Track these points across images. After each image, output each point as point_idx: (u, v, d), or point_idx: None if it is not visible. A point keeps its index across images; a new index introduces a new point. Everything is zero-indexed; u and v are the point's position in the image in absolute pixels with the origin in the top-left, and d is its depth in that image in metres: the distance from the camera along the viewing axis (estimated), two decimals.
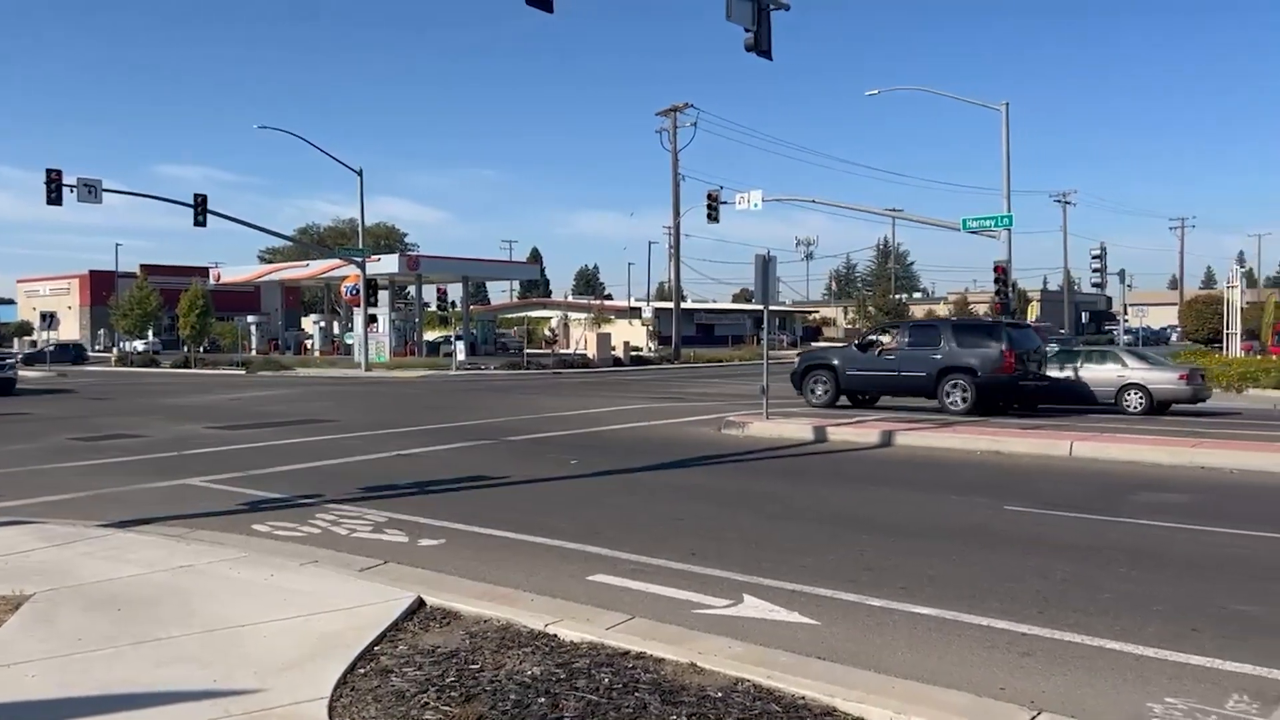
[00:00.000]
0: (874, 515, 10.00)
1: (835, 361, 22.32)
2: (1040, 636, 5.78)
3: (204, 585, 6.57)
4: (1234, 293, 39.64)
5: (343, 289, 51.35)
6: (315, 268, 61.53)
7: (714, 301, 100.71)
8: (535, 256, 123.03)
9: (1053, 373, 21.93)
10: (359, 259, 43.49)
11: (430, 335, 60.72)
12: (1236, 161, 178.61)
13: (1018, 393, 20.98)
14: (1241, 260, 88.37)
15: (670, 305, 56.89)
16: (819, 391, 22.09)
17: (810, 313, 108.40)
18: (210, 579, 6.75)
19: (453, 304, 64.58)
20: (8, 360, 31.54)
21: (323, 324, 64.79)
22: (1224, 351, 37.81)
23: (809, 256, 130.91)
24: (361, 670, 4.95)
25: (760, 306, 19.55)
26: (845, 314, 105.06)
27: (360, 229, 46.13)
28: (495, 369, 44.11)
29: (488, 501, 10.63)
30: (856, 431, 16.70)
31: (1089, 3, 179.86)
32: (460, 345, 46.80)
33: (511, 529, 8.94)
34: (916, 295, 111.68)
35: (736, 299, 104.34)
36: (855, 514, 10.07)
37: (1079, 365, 21.99)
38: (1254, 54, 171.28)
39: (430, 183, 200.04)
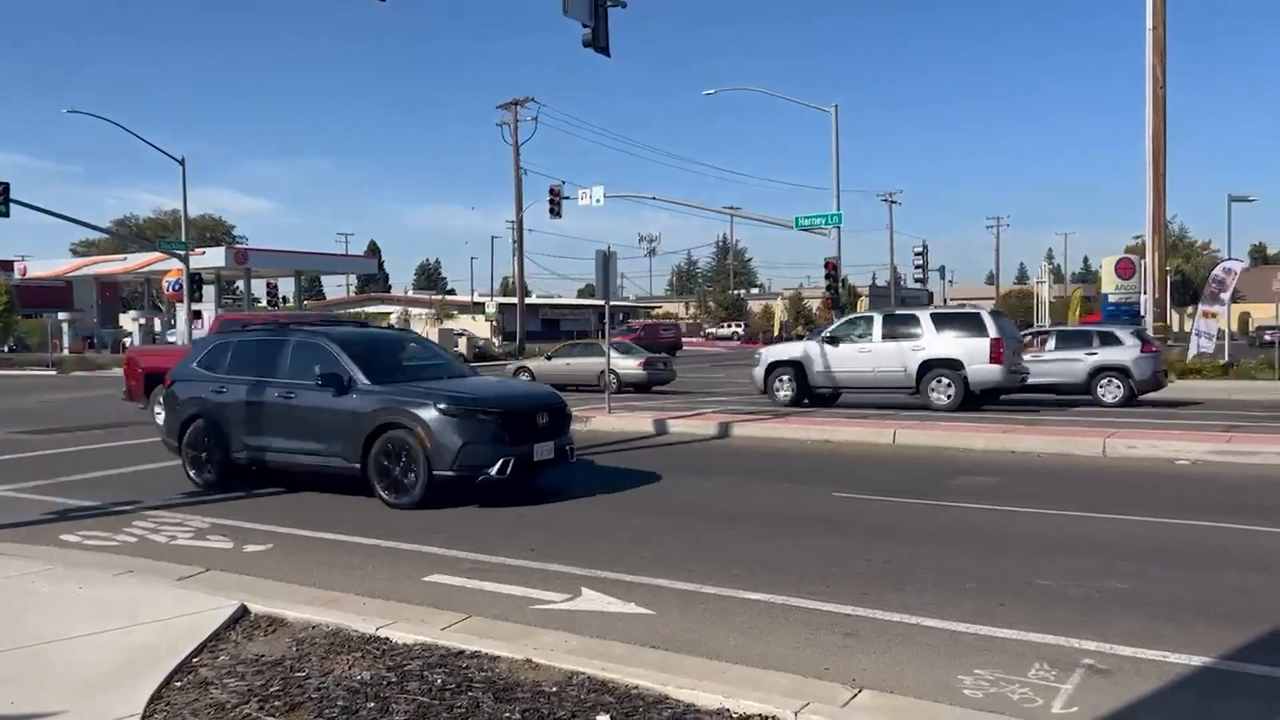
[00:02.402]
0: (710, 504, 10.22)
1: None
2: (863, 617, 6.04)
3: (5, 600, 6.11)
4: (1043, 288, 42.58)
5: (164, 284, 48.60)
6: (134, 261, 58.08)
7: (559, 297, 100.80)
8: (373, 250, 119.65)
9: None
10: (181, 252, 41.25)
11: None
12: (1047, 163, 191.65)
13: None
14: (1050, 258, 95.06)
15: (514, 300, 56.52)
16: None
17: (654, 308, 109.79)
18: (13, 593, 6.28)
19: (285, 299, 62.15)
20: None
21: (143, 321, 61.13)
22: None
23: (652, 253, 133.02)
24: (178, 684, 4.71)
25: (603, 301, 19.65)
26: (687, 309, 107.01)
27: (183, 220, 43.80)
28: None
29: (322, 503, 10.29)
30: (696, 423, 17.03)
31: (913, 8, 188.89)
32: None
33: (345, 531, 8.69)
34: (754, 291, 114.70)
35: (581, 294, 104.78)
36: (693, 503, 10.26)
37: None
38: (1060, 59, 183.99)
39: (260, 173, 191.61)
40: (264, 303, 60.68)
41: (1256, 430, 14.79)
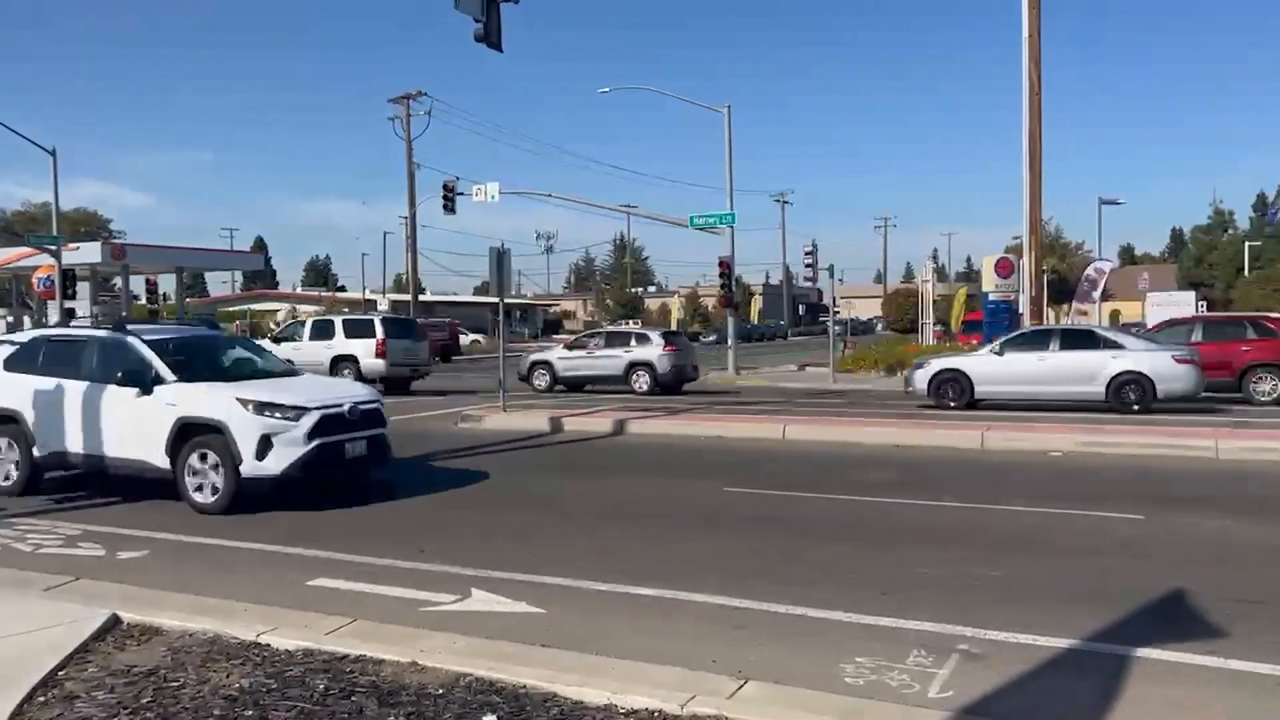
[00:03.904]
0: (603, 501, 10.25)
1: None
2: (751, 609, 6.15)
3: None
4: (928, 286, 43.86)
5: (34, 280, 46.23)
6: (1, 256, 54.99)
7: (455, 294, 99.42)
8: (260, 245, 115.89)
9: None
10: (53, 247, 39.29)
11: None
12: (932, 164, 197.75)
13: None
14: (935, 257, 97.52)
15: (408, 297, 55.59)
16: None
17: (551, 305, 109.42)
18: None
19: (165, 296, 59.77)
20: None
21: (10, 319, 57.96)
22: (919, 340, 41.76)
23: (549, 250, 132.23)
24: (41, 699, 4.49)
25: (498, 299, 19.50)
26: (585, 307, 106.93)
27: (54, 214, 41.72)
28: None
29: None
30: (591, 421, 17.05)
31: (804, 13, 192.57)
32: None
33: (224, 536, 8.42)
34: (652, 289, 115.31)
35: (478, 291, 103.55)
36: (586, 501, 10.27)
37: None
38: (942, 63, 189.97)
39: (139, 165, 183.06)
40: (143, 300, 58.30)
41: (1121, 423, 15.56)
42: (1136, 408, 17.50)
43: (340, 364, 24.98)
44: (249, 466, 9.35)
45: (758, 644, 5.52)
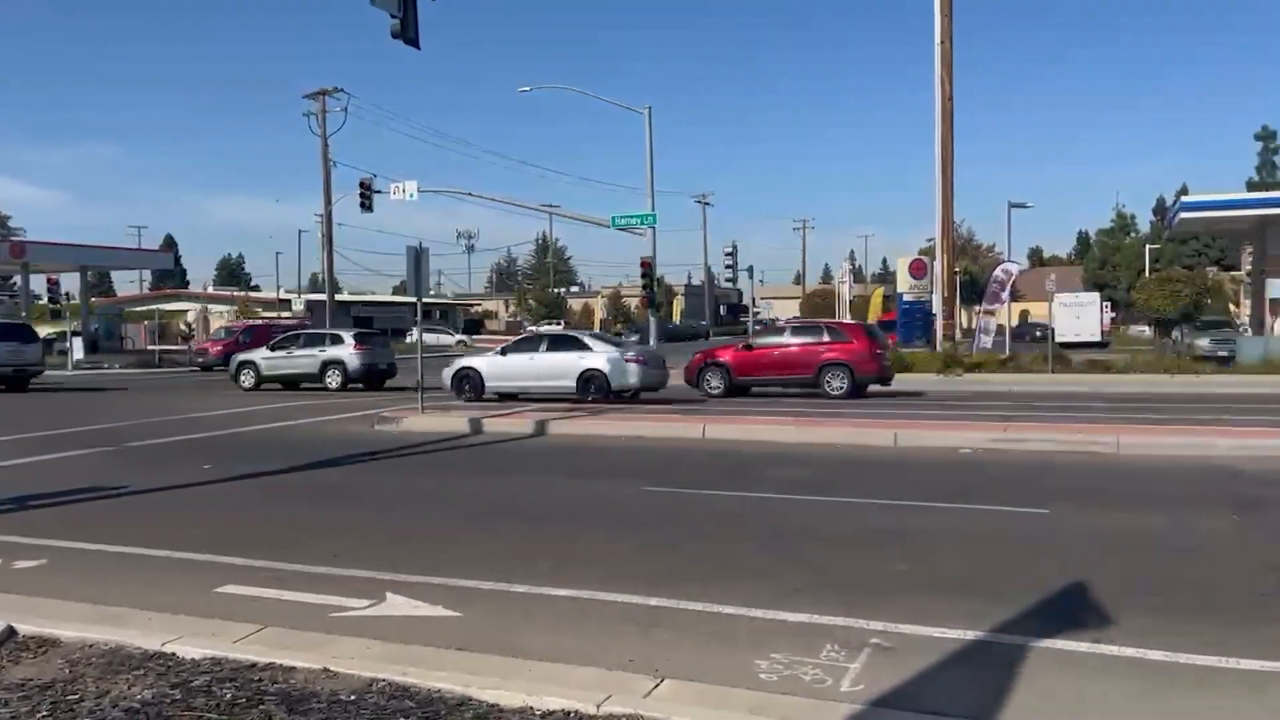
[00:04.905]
0: (522, 503, 10.21)
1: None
2: (668, 608, 6.18)
3: None
4: (844, 287, 44.71)
5: None
6: None
7: (373, 294, 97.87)
8: (169, 244, 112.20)
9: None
10: None
11: (42, 331, 53.78)
12: (849, 166, 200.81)
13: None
14: (852, 259, 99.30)
15: (324, 297, 54.50)
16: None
17: (473, 305, 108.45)
18: None
19: (69, 296, 57.64)
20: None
21: None
22: None
23: (470, 249, 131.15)
24: None
25: (415, 299, 19.27)
26: (507, 307, 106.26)
27: None
28: (121, 368, 40.06)
29: (102, 514, 9.63)
30: (512, 422, 16.96)
31: (724, 14, 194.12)
32: (78, 342, 42.02)
33: (129, 543, 8.15)
34: (575, 289, 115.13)
35: (397, 291, 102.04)
36: (505, 503, 10.22)
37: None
38: (856, 68, 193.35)
39: (39, 160, 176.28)
40: (45, 299, 56.10)
41: (1028, 419, 16.07)
42: (593, 398, 21.11)
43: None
44: None
45: (675, 642, 5.55)
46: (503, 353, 23.39)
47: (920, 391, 24.36)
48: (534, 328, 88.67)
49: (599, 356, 21.87)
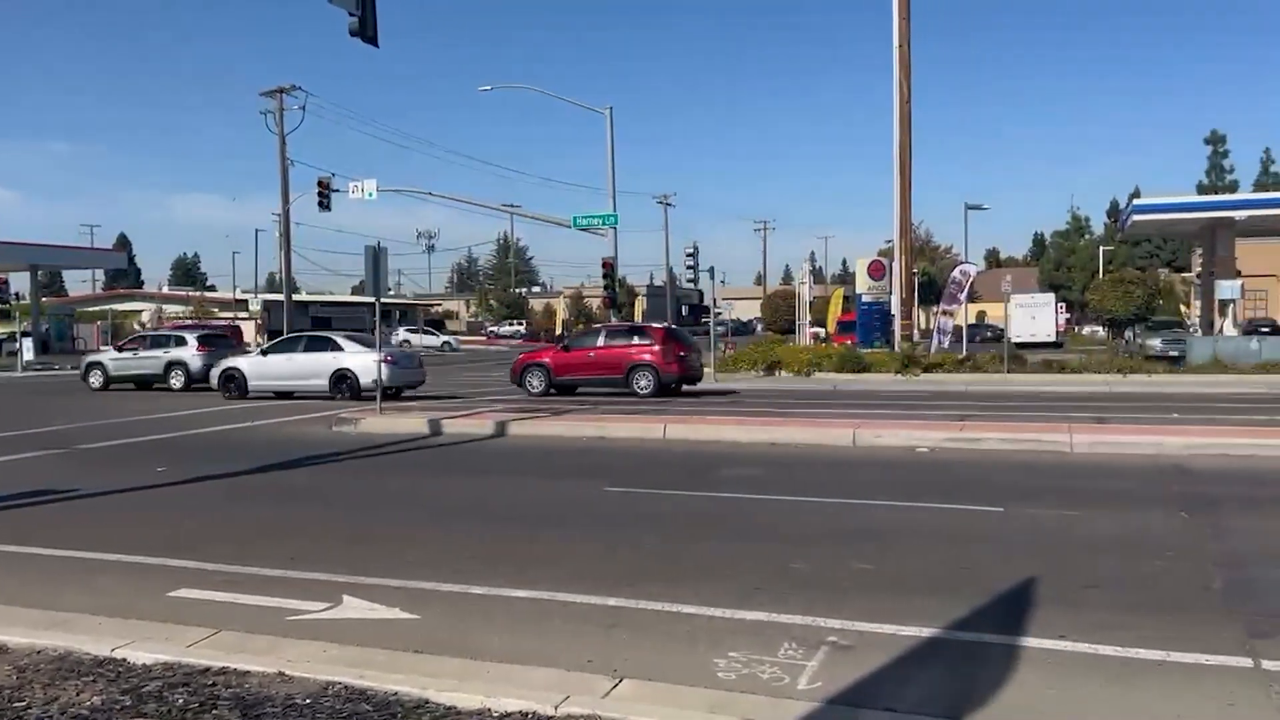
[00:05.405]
0: (483, 504, 10.16)
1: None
2: (628, 608, 6.18)
3: None
4: (804, 288, 44.91)
5: None
6: None
7: (331, 294, 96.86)
8: (123, 243, 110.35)
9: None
10: None
11: None
12: (809, 167, 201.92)
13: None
14: (812, 259, 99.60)
15: (281, 297, 53.84)
16: None
17: (434, 305, 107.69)
18: None
19: (18, 295, 56.50)
20: None
21: None
22: (796, 340, 42.71)
23: (430, 249, 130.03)
24: None
25: (374, 299, 19.09)
26: (468, 307, 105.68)
27: None
28: (73, 369, 39.19)
29: (52, 518, 9.46)
30: (472, 423, 16.87)
31: (686, 15, 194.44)
32: (28, 343, 41.21)
33: (80, 547, 8.00)
34: (536, 289, 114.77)
35: (356, 291, 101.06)
36: (465, 504, 10.17)
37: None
38: (816, 70, 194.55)
39: None
40: None
41: (983, 419, 16.26)
42: (347, 395, 22.03)
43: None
44: None
45: (633, 642, 5.55)
46: (264, 353, 24.53)
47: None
48: (494, 329, 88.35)
49: (351, 357, 22.73)
